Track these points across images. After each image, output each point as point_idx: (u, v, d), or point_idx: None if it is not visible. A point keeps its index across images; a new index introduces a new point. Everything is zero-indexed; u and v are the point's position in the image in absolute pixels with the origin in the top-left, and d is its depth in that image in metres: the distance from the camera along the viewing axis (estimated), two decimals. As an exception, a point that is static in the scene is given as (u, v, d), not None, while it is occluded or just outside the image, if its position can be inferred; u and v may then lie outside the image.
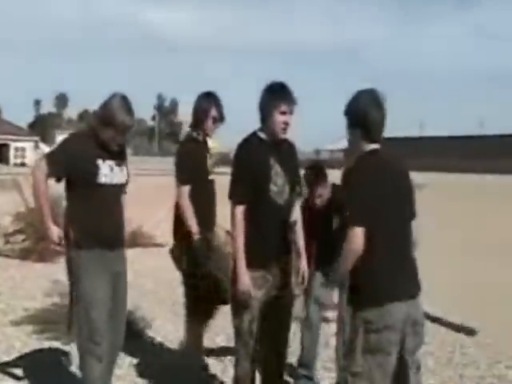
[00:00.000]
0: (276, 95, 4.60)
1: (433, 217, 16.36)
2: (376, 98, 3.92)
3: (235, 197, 4.59)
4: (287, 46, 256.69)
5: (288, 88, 4.64)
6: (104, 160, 4.59)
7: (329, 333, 6.38)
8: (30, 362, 6.12)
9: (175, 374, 5.83)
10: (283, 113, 4.57)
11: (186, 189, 5.46)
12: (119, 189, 4.76)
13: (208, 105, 5.60)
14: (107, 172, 4.60)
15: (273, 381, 4.88)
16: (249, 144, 4.70)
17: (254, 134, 4.71)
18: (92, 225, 4.57)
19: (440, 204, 24.85)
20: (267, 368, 4.84)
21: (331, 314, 6.08)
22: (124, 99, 4.59)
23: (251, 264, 4.52)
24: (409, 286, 3.85)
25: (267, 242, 4.58)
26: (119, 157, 4.73)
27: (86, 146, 4.57)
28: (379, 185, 3.78)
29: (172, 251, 5.65)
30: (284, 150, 4.73)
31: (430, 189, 30.88)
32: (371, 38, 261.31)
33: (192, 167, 5.52)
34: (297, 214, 4.86)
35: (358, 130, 3.91)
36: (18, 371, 5.83)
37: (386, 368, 3.75)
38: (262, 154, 4.62)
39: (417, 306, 3.88)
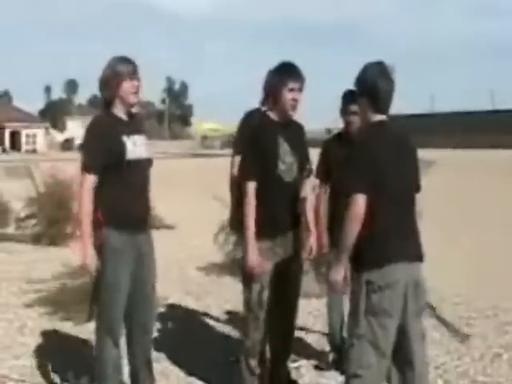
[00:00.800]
0: (284, 73, 4.71)
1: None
2: (384, 69, 3.97)
3: (246, 173, 4.70)
4: (295, 21, 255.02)
5: (296, 66, 4.76)
6: (128, 135, 4.53)
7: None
8: (43, 341, 6.24)
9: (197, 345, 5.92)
10: (292, 89, 4.67)
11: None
12: (146, 164, 4.68)
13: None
14: (132, 148, 4.53)
15: (282, 352, 5.00)
16: (255, 120, 4.85)
17: (261, 110, 4.83)
18: (122, 204, 4.48)
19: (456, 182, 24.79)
20: (276, 340, 4.95)
21: None
22: (113, 56, 4.60)
23: (259, 235, 4.62)
24: (409, 251, 3.91)
25: (275, 217, 4.68)
26: (140, 131, 4.69)
27: (108, 127, 4.53)
28: (381, 154, 3.83)
29: None
30: (292, 130, 4.82)
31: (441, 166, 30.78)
32: (377, 14, 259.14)
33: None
34: (307, 191, 4.96)
35: (365, 99, 3.97)
36: (31, 351, 5.95)
37: (389, 330, 3.81)
38: (270, 132, 4.71)
39: (417, 269, 3.94)
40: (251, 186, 4.65)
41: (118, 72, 4.50)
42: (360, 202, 3.76)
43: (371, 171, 3.80)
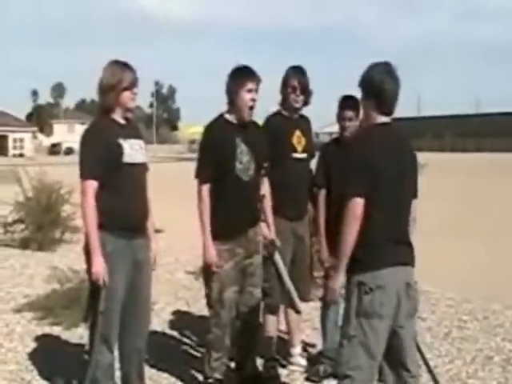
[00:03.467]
0: (241, 75, 4.98)
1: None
2: (390, 70, 3.94)
3: (200, 176, 4.99)
4: (281, 27, 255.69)
5: (251, 68, 5.04)
6: (125, 138, 4.52)
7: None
8: (32, 346, 6.18)
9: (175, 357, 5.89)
10: (249, 90, 4.95)
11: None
12: (143, 168, 4.67)
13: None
14: (130, 151, 4.52)
15: (248, 347, 5.23)
16: (214, 125, 5.08)
17: (221, 115, 5.07)
18: (118, 208, 4.45)
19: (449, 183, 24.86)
20: (241, 335, 5.18)
21: None
22: (114, 61, 4.60)
23: (218, 237, 4.93)
24: (402, 255, 3.89)
25: (233, 216, 4.94)
26: (136, 135, 4.68)
27: (105, 131, 4.51)
28: (381, 157, 3.81)
29: None
30: (250, 130, 5.06)
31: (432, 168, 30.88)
32: (363, 17, 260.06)
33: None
34: (265, 189, 5.21)
35: (371, 100, 3.93)
36: (20, 356, 5.89)
37: (380, 332, 3.80)
38: (227, 133, 4.96)
39: (409, 272, 3.93)
40: (205, 188, 4.95)
41: (122, 81, 4.50)
42: (358, 206, 3.75)
43: (369, 174, 3.77)
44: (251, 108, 4.99)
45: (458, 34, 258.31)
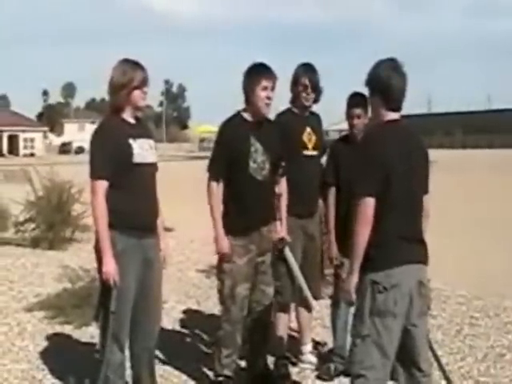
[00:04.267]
0: (256, 72, 4.98)
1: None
2: (396, 66, 3.92)
3: (211, 172, 5.03)
4: (293, 23, 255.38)
5: (267, 65, 5.03)
6: (135, 138, 4.52)
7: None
8: (43, 345, 6.20)
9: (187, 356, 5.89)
10: (265, 88, 4.93)
11: None
12: (152, 168, 4.66)
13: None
14: (139, 151, 4.52)
15: (259, 344, 5.22)
16: (230, 123, 5.08)
17: (238, 113, 5.07)
18: (128, 208, 4.45)
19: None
20: (253, 332, 5.17)
21: None
22: (125, 60, 4.60)
23: (231, 232, 4.95)
24: (415, 253, 3.87)
25: (246, 214, 4.94)
26: (146, 134, 4.68)
27: (115, 130, 4.51)
28: (391, 154, 3.79)
29: None
30: (266, 129, 5.04)
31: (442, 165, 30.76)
32: (372, 14, 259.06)
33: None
34: (282, 188, 5.24)
35: (378, 97, 3.92)
36: (31, 355, 5.92)
37: (393, 331, 3.78)
38: (242, 132, 4.95)
39: (422, 270, 3.91)
40: (214, 184, 4.99)
41: (133, 80, 4.49)
42: (369, 206, 3.73)
43: (379, 171, 3.76)
44: (267, 105, 4.98)
45: (469, 30, 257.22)
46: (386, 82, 3.87)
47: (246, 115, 5.04)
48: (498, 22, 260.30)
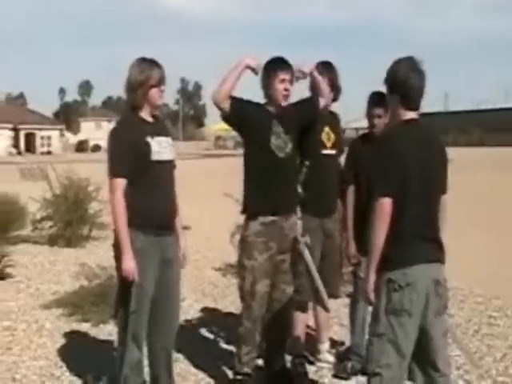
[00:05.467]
0: (273, 66, 5.03)
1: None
2: (414, 64, 3.89)
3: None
4: (307, 22, 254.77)
5: (284, 58, 5.08)
6: (152, 136, 4.51)
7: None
8: (61, 342, 6.24)
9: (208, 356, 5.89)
10: (282, 80, 4.97)
11: None
12: (171, 165, 4.66)
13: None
14: (158, 149, 4.52)
15: (277, 343, 5.21)
16: (253, 104, 5.09)
17: (259, 103, 5.11)
18: (146, 205, 4.45)
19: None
20: (272, 331, 5.16)
21: None
22: (142, 58, 4.59)
23: (258, 213, 4.96)
24: (431, 252, 3.85)
25: (269, 192, 4.95)
26: (164, 132, 4.68)
27: (133, 128, 4.51)
28: (408, 153, 3.77)
29: None
30: (288, 115, 5.05)
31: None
32: (388, 12, 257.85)
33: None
34: None
35: (396, 96, 3.89)
36: (49, 352, 5.95)
37: (409, 330, 3.76)
38: (264, 115, 5.01)
39: (439, 269, 3.89)
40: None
41: (150, 78, 4.49)
42: (386, 206, 3.72)
43: (397, 172, 3.74)
44: (285, 97, 5.00)
45: (484, 27, 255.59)
46: (403, 80, 3.84)
47: (269, 108, 5.05)
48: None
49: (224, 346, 6.16)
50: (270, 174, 4.95)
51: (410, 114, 3.90)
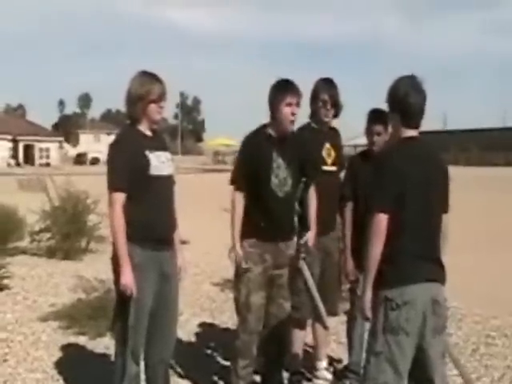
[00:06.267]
0: (281, 89, 4.98)
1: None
2: (415, 83, 3.92)
3: (235, 183, 5.03)
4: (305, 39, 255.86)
5: (293, 82, 5.03)
6: (151, 150, 4.51)
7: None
8: (57, 355, 6.20)
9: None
10: (289, 104, 4.92)
11: None
12: (170, 180, 4.65)
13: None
14: (156, 163, 4.51)
15: (275, 358, 5.18)
16: (253, 137, 5.08)
17: (263, 127, 5.06)
18: (145, 219, 4.44)
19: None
20: (269, 345, 5.14)
21: None
22: (144, 72, 4.59)
23: (249, 239, 4.96)
24: (431, 271, 3.85)
25: (266, 229, 4.93)
26: (163, 147, 4.68)
27: (132, 142, 4.50)
28: (407, 171, 3.78)
29: None
30: (290, 144, 5.03)
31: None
32: (387, 31, 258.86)
33: None
34: (311, 202, 5.25)
35: (396, 114, 3.92)
36: (46, 365, 5.92)
37: (405, 348, 3.76)
38: (265, 147, 4.96)
39: (438, 288, 3.88)
40: (238, 196, 5.00)
41: (150, 93, 4.49)
42: (382, 222, 3.72)
43: (394, 187, 3.75)
44: (292, 122, 4.99)
45: (484, 48, 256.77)
46: (403, 98, 3.87)
47: (271, 130, 5.03)
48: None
49: (221, 361, 6.14)
50: (268, 210, 4.95)
51: (410, 132, 3.92)
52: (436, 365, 3.89)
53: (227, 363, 5.79)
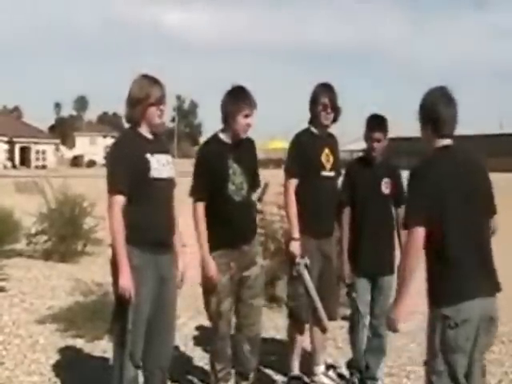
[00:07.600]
0: (239, 99, 4.96)
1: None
2: (444, 93, 3.93)
3: (195, 194, 5.01)
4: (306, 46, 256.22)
5: (249, 92, 5.03)
6: (152, 153, 4.51)
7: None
8: (55, 358, 6.19)
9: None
10: (246, 116, 4.94)
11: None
12: (170, 183, 4.65)
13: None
14: (157, 166, 4.51)
15: (247, 361, 5.19)
16: (209, 145, 5.10)
17: (216, 135, 5.08)
18: (144, 222, 4.44)
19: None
20: (242, 350, 5.17)
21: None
22: (144, 75, 4.60)
23: (214, 250, 4.98)
24: (485, 284, 3.79)
25: (227, 234, 4.95)
26: (164, 150, 4.68)
27: (133, 145, 4.51)
28: (444, 182, 3.76)
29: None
30: (244, 149, 5.08)
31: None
32: (392, 37, 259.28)
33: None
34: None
35: (428, 125, 3.92)
36: (43, 368, 5.90)
37: (463, 366, 3.71)
38: (220, 155, 4.96)
39: (493, 303, 3.83)
40: (200, 207, 4.98)
41: (149, 96, 4.49)
42: (419, 236, 3.69)
43: (430, 200, 3.72)
44: (246, 131, 5.02)
45: (492, 54, 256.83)
46: (433, 110, 3.88)
47: (224, 136, 5.04)
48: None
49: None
50: (227, 217, 4.97)
51: (443, 142, 3.91)
52: (476, 381, 3.82)
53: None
